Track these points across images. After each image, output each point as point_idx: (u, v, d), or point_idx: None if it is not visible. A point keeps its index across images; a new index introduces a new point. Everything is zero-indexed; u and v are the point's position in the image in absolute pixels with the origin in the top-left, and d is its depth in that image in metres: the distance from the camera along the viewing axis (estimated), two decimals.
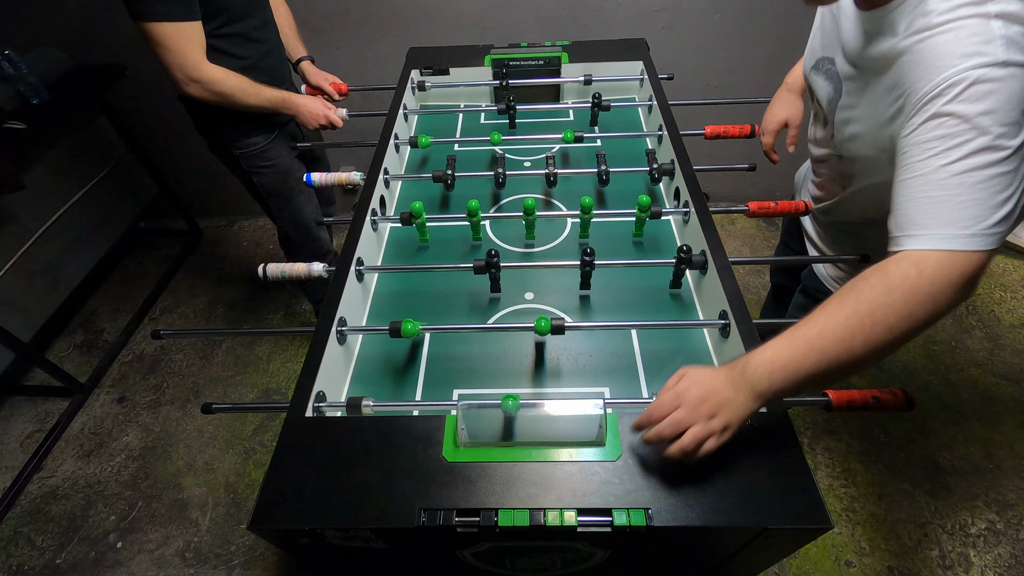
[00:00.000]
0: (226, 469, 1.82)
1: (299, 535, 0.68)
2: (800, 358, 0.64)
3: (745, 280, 2.34)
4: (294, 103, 1.41)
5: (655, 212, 1.09)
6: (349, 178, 1.24)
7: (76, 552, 1.65)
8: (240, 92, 1.31)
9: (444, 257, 1.16)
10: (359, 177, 1.30)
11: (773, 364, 0.65)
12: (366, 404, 0.80)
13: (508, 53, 1.54)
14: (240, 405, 1.88)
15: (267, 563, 1.60)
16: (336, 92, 1.60)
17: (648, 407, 0.68)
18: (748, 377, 0.66)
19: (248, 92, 1.32)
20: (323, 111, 1.44)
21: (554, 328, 0.86)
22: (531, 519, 0.64)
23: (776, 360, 0.65)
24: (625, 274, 1.09)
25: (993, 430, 1.78)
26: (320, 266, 1.07)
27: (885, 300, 0.62)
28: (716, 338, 0.93)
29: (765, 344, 0.67)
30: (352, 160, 2.54)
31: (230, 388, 2.05)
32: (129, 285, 2.49)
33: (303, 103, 1.42)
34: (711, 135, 1.32)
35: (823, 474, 1.72)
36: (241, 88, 1.30)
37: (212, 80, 1.25)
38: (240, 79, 1.30)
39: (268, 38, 1.41)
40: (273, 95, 1.37)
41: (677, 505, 0.64)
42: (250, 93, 1.32)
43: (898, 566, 1.52)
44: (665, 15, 2.02)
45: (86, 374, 2.08)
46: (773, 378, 0.65)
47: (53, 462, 1.87)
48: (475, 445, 0.71)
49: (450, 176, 1.23)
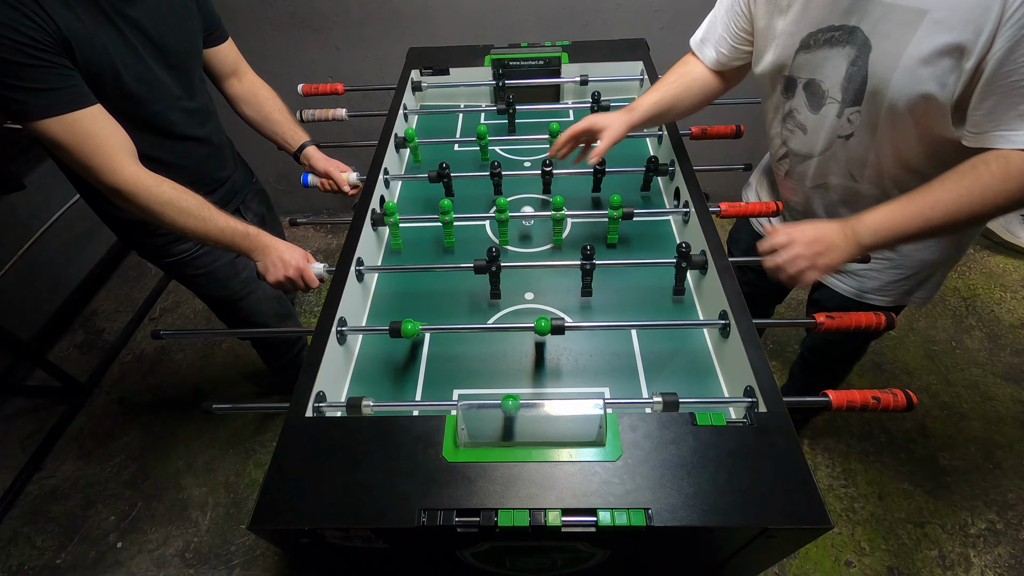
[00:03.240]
0: (226, 469, 1.82)
1: (299, 535, 0.68)
2: (908, 223, 0.78)
3: None
4: (261, 243, 1.06)
5: (627, 213, 1.09)
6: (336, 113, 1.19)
7: (76, 552, 1.65)
8: (176, 210, 0.98)
9: (444, 257, 1.16)
10: (356, 177, 1.30)
11: (881, 224, 0.80)
12: (366, 404, 0.80)
13: (508, 53, 1.54)
14: (241, 406, 1.87)
15: (267, 563, 1.60)
16: (346, 183, 1.30)
17: (769, 236, 0.86)
18: (856, 231, 0.81)
19: (191, 213, 0.99)
20: (297, 265, 1.05)
21: (554, 328, 0.86)
22: (531, 519, 0.64)
23: (885, 222, 0.80)
24: (625, 274, 1.09)
25: (993, 430, 1.78)
26: (320, 266, 1.07)
27: (1001, 187, 0.73)
28: (716, 338, 0.94)
29: (878, 207, 0.81)
30: (352, 160, 2.53)
31: (230, 388, 2.05)
32: (129, 285, 2.49)
33: (274, 247, 1.06)
34: (697, 134, 1.32)
35: (823, 474, 1.72)
36: (179, 206, 0.99)
37: (136, 188, 0.95)
38: (187, 195, 1.00)
39: (192, 135, 1.16)
40: (231, 225, 1.04)
41: (677, 505, 0.64)
42: (193, 214, 0.99)
43: (898, 566, 1.52)
44: (665, 15, 2.02)
45: (86, 374, 2.08)
46: (879, 235, 0.80)
47: (53, 462, 1.87)
48: (475, 445, 0.71)
49: (446, 175, 1.23)
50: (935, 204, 0.76)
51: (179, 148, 1.14)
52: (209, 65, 1.23)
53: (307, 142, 1.33)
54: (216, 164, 1.26)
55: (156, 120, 1.07)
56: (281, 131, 1.32)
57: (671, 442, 0.70)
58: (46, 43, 0.85)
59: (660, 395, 0.78)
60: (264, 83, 1.34)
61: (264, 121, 1.31)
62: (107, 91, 0.96)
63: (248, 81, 1.31)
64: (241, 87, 1.30)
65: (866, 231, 0.80)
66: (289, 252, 1.07)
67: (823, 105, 0.92)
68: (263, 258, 1.07)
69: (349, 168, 1.33)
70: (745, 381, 0.80)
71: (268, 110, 1.31)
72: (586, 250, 0.97)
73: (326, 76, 2.21)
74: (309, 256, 1.10)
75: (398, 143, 1.34)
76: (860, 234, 0.81)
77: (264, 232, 1.08)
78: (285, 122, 1.33)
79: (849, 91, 0.87)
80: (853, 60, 0.84)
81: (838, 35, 0.85)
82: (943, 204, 0.76)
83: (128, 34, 0.98)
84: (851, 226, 0.81)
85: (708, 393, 0.89)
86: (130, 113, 1.01)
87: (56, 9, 0.86)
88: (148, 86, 1.03)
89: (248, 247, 1.06)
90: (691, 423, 0.72)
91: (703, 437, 0.71)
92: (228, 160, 1.31)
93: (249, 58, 1.33)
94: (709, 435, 0.71)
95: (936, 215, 0.76)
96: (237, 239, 1.05)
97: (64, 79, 0.88)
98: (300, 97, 1.55)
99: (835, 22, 0.84)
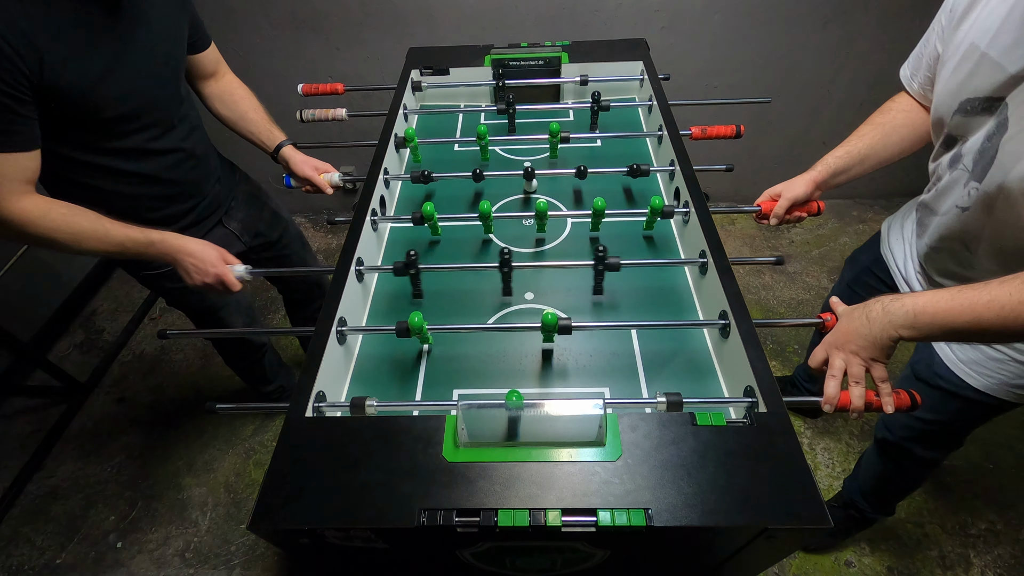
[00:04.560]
0: (226, 469, 1.82)
1: (299, 535, 0.68)
2: (954, 314, 0.69)
3: (745, 280, 2.34)
4: (171, 248, 1.03)
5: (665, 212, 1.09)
6: (336, 113, 1.17)
7: (76, 552, 1.65)
8: (67, 236, 0.95)
9: (445, 256, 1.16)
10: (338, 178, 1.30)
11: (923, 308, 0.71)
12: (370, 404, 0.80)
13: (508, 53, 1.54)
14: (242, 406, 1.87)
15: (267, 563, 1.60)
16: (327, 185, 1.30)
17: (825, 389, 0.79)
18: (890, 310, 0.74)
19: (84, 234, 0.96)
20: (214, 267, 1.03)
21: (561, 327, 0.86)
22: (531, 519, 0.64)
23: (929, 306, 0.71)
24: (626, 274, 1.09)
25: (993, 430, 1.77)
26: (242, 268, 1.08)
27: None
28: (716, 338, 0.94)
29: (919, 292, 0.75)
30: (352, 160, 2.55)
31: (230, 388, 2.05)
32: (129, 285, 2.49)
33: (185, 250, 1.03)
34: (698, 135, 1.32)
35: (823, 474, 1.72)
36: (71, 230, 0.95)
37: (23, 221, 0.91)
38: (79, 216, 0.96)
39: (175, 147, 1.13)
40: (131, 237, 1.00)
41: (677, 505, 0.64)
42: (87, 235, 0.96)
43: (898, 566, 1.52)
44: (665, 15, 2.02)
45: (86, 374, 2.08)
46: (918, 319, 0.71)
47: (53, 462, 1.87)
48: (475, 445, 0.71)
49: (430, 176, 1.23)
50: (991, 303, 0.67)
51: (163, 162, 1.12)
52: (189, 69, 1.21)
53: (284, 142, 1.31)
54: (200, 176, 1.22)
55: (139, 134, 1.06)
56: (256, 130, 1.30)
57: (671, 442, 0.70)
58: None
59: (664, 395, 0.78)
60: (241, 83, 1.33)
61: (239, 120, 1.30)
62: (89, 106, 0.95)
63: (226, 81, 1.30)
64: (217, 86, 1.28)
65: (901, 310, 0.73)
66: (203, 254, 1.04)
67: (956, 169, 0.88)
68: (177, 264, 1.06)
69: (330, 168, 1.32)
70: (745, 381, 0.80)
71: (244, 109, 1.29)
72: (599, 251, 0.97)
73: (326, 76, 2.21)
74: (228, 256, 1.07)
75: (398, 143, 1.34)
76: (893, 313, 0.73)
77: (172, 236, 1.05)
78: (261, 121, 1.30)
79: (979, 165, 0.82)
80: (989, 136, 0.80)
81: (988, 106, 0.80)
82: (999, 305, 0.67)
83: (122, 53, 0.97)
84: (883, 304, 0.75)
85: (708, 393, 0.89)
86: (113, 129, 1.01)
87: (41, 40, 0.85)
88: (136, 100, 1.02)
89: (155, 255, 1.04)
90: (691, 423, 0.72)
91: (703, 437, 0.71)
92: (213, 171, 1.27)
93: (249, 58, 1.32)
94: (709, 435, 0.71)
95: (989, 315, 0.68)
96: (140, 249, 1.02)
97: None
98: (300, 97, 1.55)
99: (992, 93, 0.79)
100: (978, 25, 0.80)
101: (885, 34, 2.06)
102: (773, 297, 2.27)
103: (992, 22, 0.78)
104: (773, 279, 2.36)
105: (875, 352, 0.76)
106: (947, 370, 1.01)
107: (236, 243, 1.36)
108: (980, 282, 0.70)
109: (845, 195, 2.70)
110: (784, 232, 2.57)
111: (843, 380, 0.79)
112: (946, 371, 1.02)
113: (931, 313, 0.71)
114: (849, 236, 2.53)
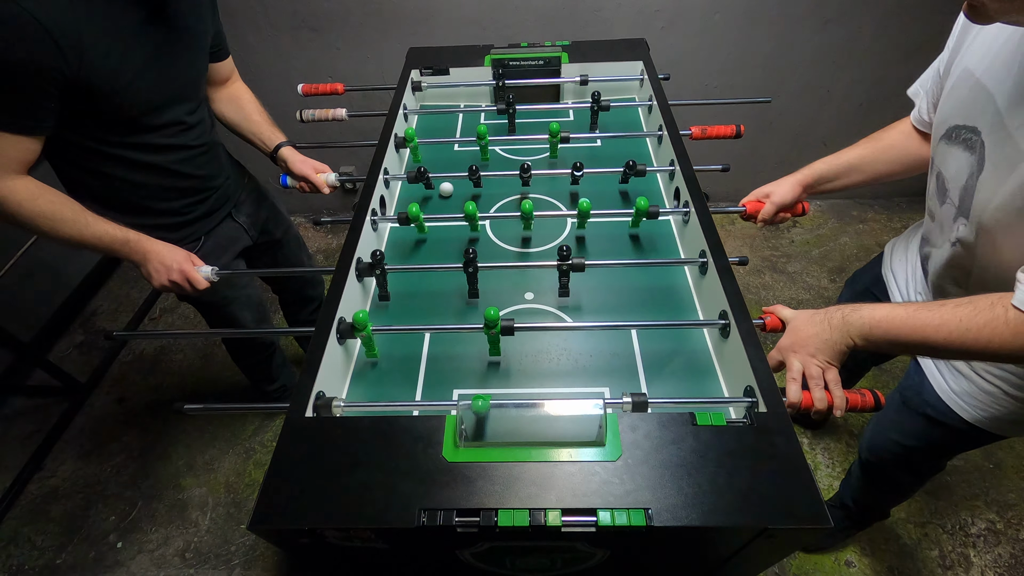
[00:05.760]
0: (226, 469, 1.82)
1: (299, 535, 0.68)
2: (906, 333, 0.72)
3: (745, 280, 2.34)
4: (140, 249, 1.07)
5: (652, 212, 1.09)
6: (336, 113, 1.17)
7: (76, 552, 1.65)
8: (48, 221, 0.97)
9: (444, 257, 1.16)
10: (335, 178, 1.31)
11: (878, 321, 0.74)
12: (336, 404, 0.80)
13: (508, 53, 1.54)
14: (243, 406, 1.88)
15: (267, 563, 1.60)
16: (325, 185, 1.32)
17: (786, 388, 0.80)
18: (848, 320, 0.77)
19: (66, 222, 0.99)
20: (180, 266, 1.08)
21: (504, 329, 0.87)
22: (531, 519, 0.64)
23: (884, 321, 0.74)
24: (624, 274, 1.09)
25: None
26: (208, 269, 1.09)
27: (1010, 340, 0.66)
28: (716, 338, 0.94)
29: (880, 304, 0.77)
30: (352, 160, 2.55)
31: (230, 388, 2.05)
32: (129, 285, 2.49)
33: (154, 251, 1.08)
34: (698, 135, 1.32)
35: (823, 474, 1.72)
36: (53, 217, 0.98)
37: (10, 201, 0.94)
38: (64, 205, 0.99)
39: (188, 143, 1.16)
40: (108, 233, 1.03)
41: (677, 505, 0.64)
42: (68, 223, 0.99)
43: (898, 566, 1.52)
44: (665, 15, 2.02)
45: (86, 374, 2.08)
46: (873, 331, 0.75)
47: (53, 462, 1.87)
48: (475, 445, 0.71)
49: (426, 175, 1.23)
50: (940, 327, 0.70)
51: (178, 156, 1.15)
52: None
53: (283, 142, 1.34)
54: (211, 171, 1.26)
55: (158, 131, 1.09)
56: (259, 131, 1.33)
57: (671, 442, 0.70)
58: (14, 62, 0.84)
59: (631, 395, 0.78)
60: (247, 88, 1.37)
61: (244, 121, 1.33)
62: (116, 104, 0.98)
63: (235, 87, 1.34)
64: (225, 90, 1.32)
65: (859, 321, 0.76)
66: (171, 256, 1.09)
67: (944, 203, 0.86)
68: (145, 264, 1.09)
69: (327, 168, 1.34)
70: (745, 381, 0.80)
71: (248, 111, 1.33)
72: (562, 251, 0.97)
73: (326, 76, 2.21)
74: (195, 259, 1.12)
75: (398, 143, 1.34)
76: (851, 324, 0.77)
77: (146, 238, 1.09)
78: (264, 123, 1.34)
79: (964, 202, 0.80)
80: (971, 174, 0.78)
81: (969, 138, 0.77)
82: (947, 330, 0.69)
83: (155, 57, 1.01)
84: (843, 313, 0.78)
85: (708, 393, 0.89)
86: (134, 125, 1.04)
87: (87, 37, 0.88)
88: (160, 102, 1.06)
89: (128, 253, 1.08)
90: (691, 423, 0.72)
91: (703, 437, 0.71)
92: (223, 166, 1.30)
93: (249, 58, 1.33)
94: (709, 435, 0.71)
95: (937, 338, 0.70)
96: (116, 246, 1.06)
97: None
98: (300, 97, 1.55)
99: (966, 122, 0.77)
100: (975, 49, 0.79)
101: (885, 34, 2.06)
102: (773, 297, 2.27)
103: (988, 47, 0.76)
104: (773, 279, 2.36)
105: (831, 356, 0.79)
106: (937, 398, 0.98)
107: (244, 237, 1.40)
108: (939, 301, 0.73)
109: (845, 195, 2.70)
110: (784, 232, 2.57)
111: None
112: (935, 399, 0.99)
113: (884, 328, 0.74)
114: (849, 236, 2.53)
